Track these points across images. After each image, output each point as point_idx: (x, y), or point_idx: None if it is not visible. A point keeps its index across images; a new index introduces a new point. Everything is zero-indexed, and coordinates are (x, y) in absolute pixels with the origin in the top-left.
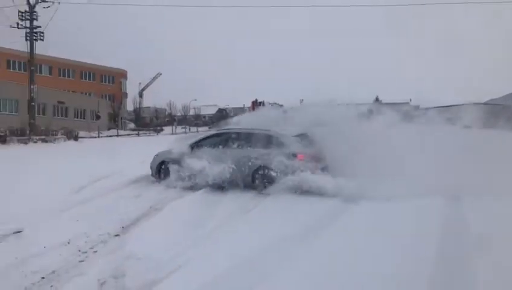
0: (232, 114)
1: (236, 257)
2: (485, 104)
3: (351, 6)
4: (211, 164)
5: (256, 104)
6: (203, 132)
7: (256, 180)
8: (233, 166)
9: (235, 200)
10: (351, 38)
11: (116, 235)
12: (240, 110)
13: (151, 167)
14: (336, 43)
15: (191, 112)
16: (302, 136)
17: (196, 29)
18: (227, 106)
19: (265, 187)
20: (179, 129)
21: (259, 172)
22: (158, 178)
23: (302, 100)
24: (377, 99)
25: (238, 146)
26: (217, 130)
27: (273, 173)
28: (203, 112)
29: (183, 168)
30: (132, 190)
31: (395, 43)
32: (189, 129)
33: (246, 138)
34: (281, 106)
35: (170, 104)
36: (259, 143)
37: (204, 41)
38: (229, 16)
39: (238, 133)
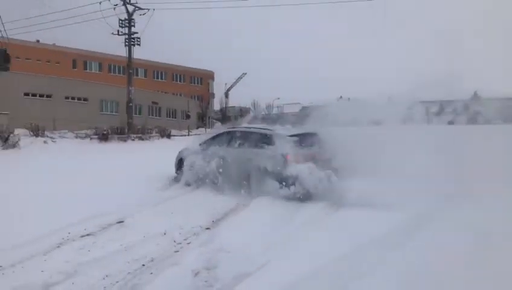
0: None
1: (327, 255)
2: None
3: None
4: (209, 162)
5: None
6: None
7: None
8: (230, 164)
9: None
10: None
11: (207, 229)
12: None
13: (174, 164)
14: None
15: (274, 111)
16: (308, 136)
17: (280, 28)
18: (311, 104)
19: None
20: None
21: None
22: (178, 174)
23: (340, 97)
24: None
25: (238, 145)
26: (224, 129)
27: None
28: (286, 111)
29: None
30: None
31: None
32: None
33: (246, 137)
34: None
35: (254, 103)
36: (255, 142)
37: (288, 40)
38: (310, 14)
39: (240, 132)
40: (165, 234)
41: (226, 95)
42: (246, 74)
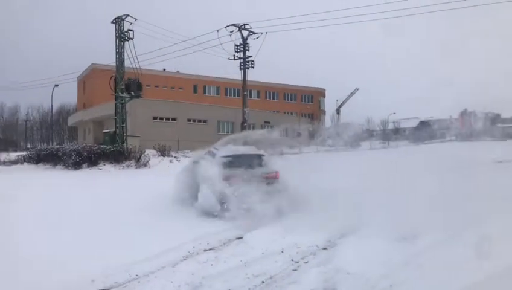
0: (435, 126)
1: (457, 282)
2: None
3: None
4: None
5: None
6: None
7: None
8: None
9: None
10: None
11: (324, 249)
12: (445, 122)
13: None
14: None
15: (390, 126)
16: (247, 157)
17: (390, 42)
18: (430, 118)
19: None
20: (377, 144)
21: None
22: None
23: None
24: None
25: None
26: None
27: None
28: (402, 126)
29: None
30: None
31: None
32: (388, 144)
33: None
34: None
35: (368, 119)
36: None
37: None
38: (423, 25)
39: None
40: (282, 252)
41: (338, 111)
42: (358, 89)
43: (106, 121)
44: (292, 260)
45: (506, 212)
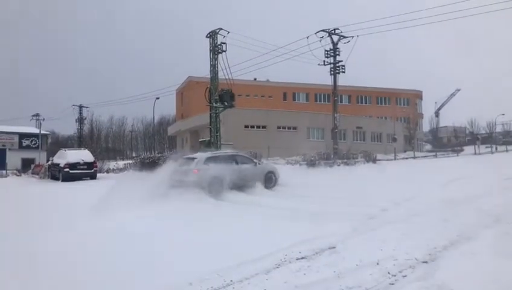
0: None
1: None
2: None
3: None
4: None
5: None
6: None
7: None
8: None
9: None
10: None
11: (424, 262)
12: None
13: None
14: None
15: (498, 129)
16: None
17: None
18: None
19: None
20: (483, 148)
21: None
22: None
23: None
24: None
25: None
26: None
27: None
28: None
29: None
30: (437, 214)
31: None
32: (496, 148)
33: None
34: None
35: (471, 121)
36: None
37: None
38: None
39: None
40: (377, 264)
41: (437, 114)
42: (459, 90)
43: (201, 130)
44: (389, 273)
45: None
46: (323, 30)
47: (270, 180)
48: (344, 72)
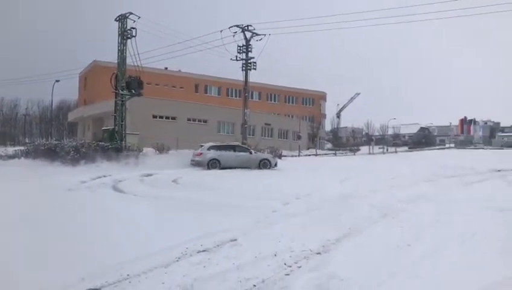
0: (435, 133)
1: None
2: None
3: None
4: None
5: (465, 123)
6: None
7: None
8: None
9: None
10: None
11: (318, 253)
12: (445, 129)
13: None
14: None
15: (390, 131)
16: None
17: (394, 47)
18: (430, 125)
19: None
20: (376, 149)
21: None
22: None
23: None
24: None
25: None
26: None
27: None
28: (402, 131)
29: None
30: (332, 209)
31: None
32: (387, 149)
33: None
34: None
35: (368, 123)
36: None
37: (403, 58)
38: (429, 31)
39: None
40: (275, 255)
41: (338, 115)
42: (359, 94)
43: (106, 118)
44: (285, 264)
45: None
46: (236, 26)
47: (265, 165)
48: (255, 69)
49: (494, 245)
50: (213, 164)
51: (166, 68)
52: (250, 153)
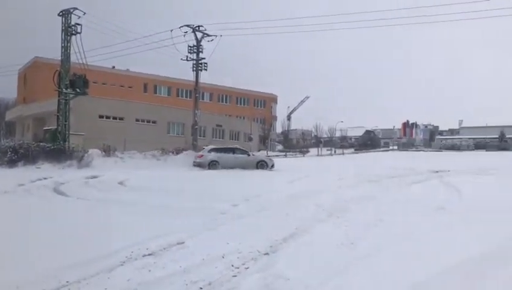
0: (380, 135)
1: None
2: None
3: None
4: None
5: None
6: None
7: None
8: None
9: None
10: None
11: (266, 254)
12: (389, 132)
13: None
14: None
15: (337, 134)
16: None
17: (344, 52)
18: (375, 128)
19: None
20: (325, 151)
21: None
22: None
23: (461, 121)
24: None
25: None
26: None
27: None
28: (349, 134)
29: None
30: (280, 209)
31: None
32: (335, 151)
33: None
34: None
35: (316, 126)
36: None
37: (352, 63)
38: (376, 38)
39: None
40: (223, 257)
41: (289, 118)
42: (308, 97)
43: (48, 118)
44: (233, 266)
45: None
46: (187, 25)
47: (262, 166)
48: (206, 69)
49: (431, 243)
50: (213, 165)
51: (113, 67)
52: (248, 155)
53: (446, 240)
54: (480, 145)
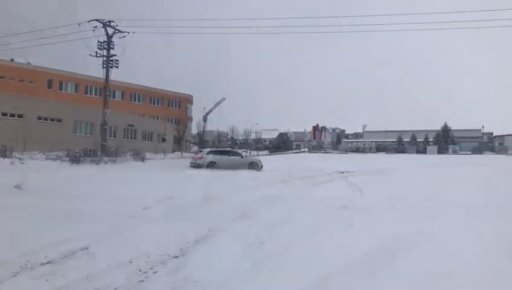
0: (292, 138)
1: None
2: None
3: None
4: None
5: (317, 130)
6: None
7: None
8: None
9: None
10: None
11: (175, 257)
12: (301, 135)
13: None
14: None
15: (252, 136)
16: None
17: (259, 56)
18: (288, 131)
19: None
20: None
21: None
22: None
23: (365, 125)
24: (445, 127)
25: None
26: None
27: None
28: (264, 136)
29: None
30: (193, 211)
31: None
32: (250, 153)
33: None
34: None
35: (232, 128)
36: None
37: (266, 67)
38: (289, 43)
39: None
40: (130, 262)
41: (204, 119)
42: (225, 98)
43: None
44: (140, 271)
45: None
46: (97, 20)
47: (253, 167)
48: (117, 66)
49: (335, 238)
50: (211, 165)
51: (12, 60)
52: (241, 157)
53: (348, 235)
54: (381, 148)
